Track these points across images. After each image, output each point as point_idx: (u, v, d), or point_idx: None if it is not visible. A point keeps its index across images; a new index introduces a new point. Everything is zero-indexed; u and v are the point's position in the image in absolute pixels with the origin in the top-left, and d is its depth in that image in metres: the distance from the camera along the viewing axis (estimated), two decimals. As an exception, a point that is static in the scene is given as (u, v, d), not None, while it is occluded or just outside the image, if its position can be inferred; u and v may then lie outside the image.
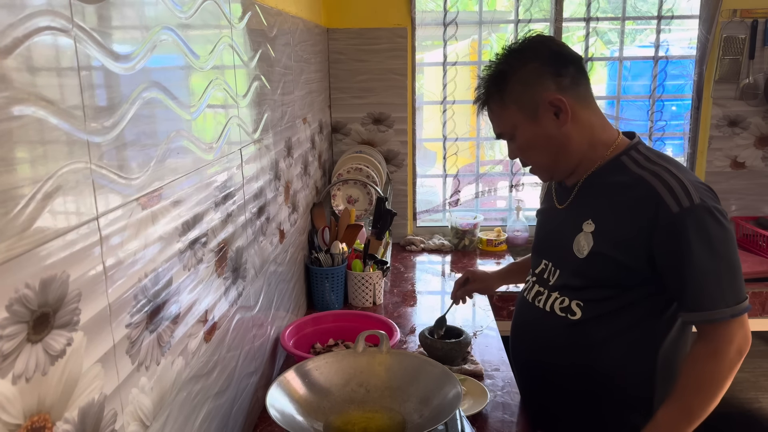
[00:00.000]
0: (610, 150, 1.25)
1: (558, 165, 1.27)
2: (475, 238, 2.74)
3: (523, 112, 1.23)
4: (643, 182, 1.16)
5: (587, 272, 1.23)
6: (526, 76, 1.22)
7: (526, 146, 1.26)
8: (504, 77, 1.24)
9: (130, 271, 0.78)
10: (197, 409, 1.03)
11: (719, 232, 1.11)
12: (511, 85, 1.23)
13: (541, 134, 1.23)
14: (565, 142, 1.23)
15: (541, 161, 1.28)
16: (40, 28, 0.59)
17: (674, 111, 2.84)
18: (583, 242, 1.23)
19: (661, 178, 1.15)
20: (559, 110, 1.21)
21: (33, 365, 0.58)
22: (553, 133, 1.23)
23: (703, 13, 2.56)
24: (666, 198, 1.12)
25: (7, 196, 0.54)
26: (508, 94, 1.24)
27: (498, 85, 1.25)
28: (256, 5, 1.41)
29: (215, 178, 1.11)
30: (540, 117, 1.22)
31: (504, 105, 1.25)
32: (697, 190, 1.13)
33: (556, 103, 1.21)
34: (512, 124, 1.25)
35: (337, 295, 2.01)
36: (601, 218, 1.22)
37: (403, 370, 1.10)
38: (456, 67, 2.69)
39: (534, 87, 1.22)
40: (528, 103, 1.22)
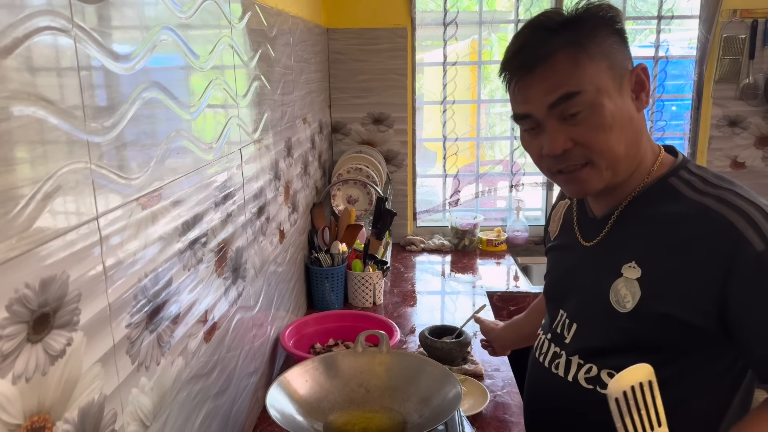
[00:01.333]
0: (654, 167, 0.97)
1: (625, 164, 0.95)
2: (475, 238, 2.74)
3: (613, 74, 0.91)
4: (710, 213, 0.88)
5: (630, 331, 0.94)
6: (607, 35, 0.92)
7: (608, 124, 0.90)
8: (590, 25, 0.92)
9: (129, 271, 0.78)
10: (197, 409, 1.03)
11: None
12: (602, 33, 0.92)
13: (626, 112, 0.92)
14: (639, 133, 0.94)
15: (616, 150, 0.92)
16: (40, 28, 0.59)
17: (674, 111, 2.84)
18: (624, 291, 0.94)
19: (734, 207, 0.87)
20: (641, 88, 0.94)
21: (33, 365, 0.58)
22: (633, 115, 0.93)
23: (703, 13, 2.56)
24: (746, 233, 0.84)
25: (7, 196, 0.54)
26: (599, 42, 0.91)
27: (582, 30, 0.91)
28: (256, 5, 1.41)
29: (215, 178, 1.11)
30: (624, 89, 0.92)
31: (591, 57, 0.90)
32: None
33: (642, 77, 0.93)
34: (597, 86, 0.90)
35: (337, 295, 2.01)
36: (651, 261, 0.93)
37: (403, 370, 1.10)
38: (456, 67, 2.69)
39: (620, 50, 0.93)
40: (618, 65, 0.92)
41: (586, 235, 1.04)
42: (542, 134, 0.94)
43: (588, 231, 1.04)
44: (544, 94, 0.91)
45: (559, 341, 1.05)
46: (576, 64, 0.90)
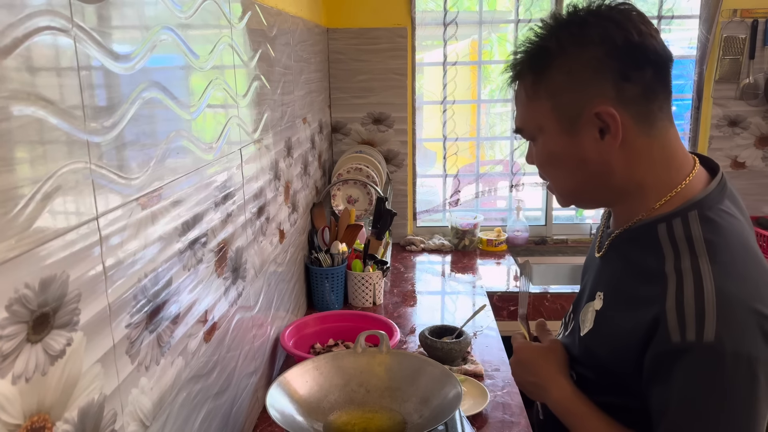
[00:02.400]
0: (661, 201, 0.90)
1: (583, 195, 0.96)
2: (475, 238, 2.74)
3: (558, 116, 0.89)
4: (661, 280, 0.83)
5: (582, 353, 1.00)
6: (578, 66, 0.86)
7: (546, 160, 0.93)
8: (547, 57, 0.88)
9: (129, 271, 0.78)
10: (197, 410, 1.03)
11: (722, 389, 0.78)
12: (553, 72, 0.87)
13: (572, 154, 0.90)
14: (603, 172, 0.90)
15: (560, 185, 0.95)
16: (39, 27, 0.59)
17: (674, 111, 2.84)
18: (587, 317, 0.98)
19: (680, 286, 0.81)
20: (606, 129, 0.87)
21: (33, 365, 0.58)
22: (589, 156, 0.89)
23: (703, 13, 2.56)
24: (669, 317, 0.80)
25: (7, 196, 0.54)
26: (545, 82, 0.88)
27: (536, 65, 0.89)
28: (256, 5, 1.41)
29: (215, 178, 1.11)
30: (579, 130, 0.88)
31: (536, 95, 0.89)
32: (722, 318, 0.77)
33: (605, 119, 0.86)
34: (537, 124, 0.91)
35: (337, 295, 2.01)
36: (609, 301, 0.94)
37: (403, 370, 1.10)
38: (456, 67, 2.69)
39: (584, 87, 0.86)
40: (568, 105, 0.88)
41: (599, 248, 1.04)
42: None
43: (602, 242, 1.03)
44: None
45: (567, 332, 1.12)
46: (525, 99, 0.93)
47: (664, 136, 0.92)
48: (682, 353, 0.79)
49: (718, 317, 0.78)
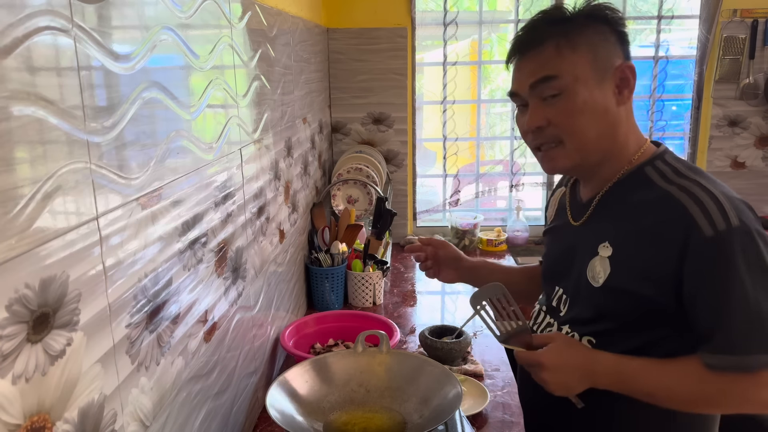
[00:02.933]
0: (636, 156, 1.07)
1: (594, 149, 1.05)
2: (475, 238, 2.74)
3: (594, 67, 1.02)
4: (671, 200, 0.98)
5: (601, 304, 1.05)
6: (607, 32, 1.04)
7: (579, 109, 1.01)
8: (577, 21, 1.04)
9: (129, 271, 0.78)
10: (197, 410, 1.03)
11: (761, 260, 0.93)
12: (591, 31, 1.03)
13: (600, 102, 1.02)
14: (614, 123, 1.04)
15: (585, 134, 1.03)
16: (39, 27, 0.59)
17: (674, 111, 2.84)
18: (598, 268, 1.05)
19: (692, 195, 0.96)
20: (625, 85, 1.03)
21: (33, 365, 0.58)
22: (610, 106, 1.03)
23: (703, 13, 2.56)
24: (699, 219, 0.93)
25: (7, 196, 0.54)
26: (586, 37, 1.02)
27: (568, 24, 1.03)
28: (256, 5, 1.41)
29: (215, 178, 1.11)
30: (605, 82, 1.02)
31: (575, 48, 1.01)
32: (735, 208, 0.94)
33: (627, 74, 1.03)
34: (574, 74, 1.01)
35: (337, 295, 2.01)
36: (621, 242, 1.03)
37: (403, 370, 1.10)
38: (456, 67, 2.69)
39: (613, 47, 1.03)
40: (603, 58, 1.02)
41: (576, 218, 1.15)
42: (527, 112, 1.07)
43: (577, 213, 1.15)
44: (529, 75, 1.04)
45: (555, 314, 1.15)
46: (559, 52, 1.02)
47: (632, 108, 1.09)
48: (719, 241, 0.92)
49: (734, 208, 0.94)
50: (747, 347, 0.93)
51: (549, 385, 1.03)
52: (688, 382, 0.98)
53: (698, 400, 0.99)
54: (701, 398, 0.99)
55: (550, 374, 1.02)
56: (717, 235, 0.92)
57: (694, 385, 0.97)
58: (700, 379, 0.96)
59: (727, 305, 0.93)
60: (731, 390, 0.96)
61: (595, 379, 1.02)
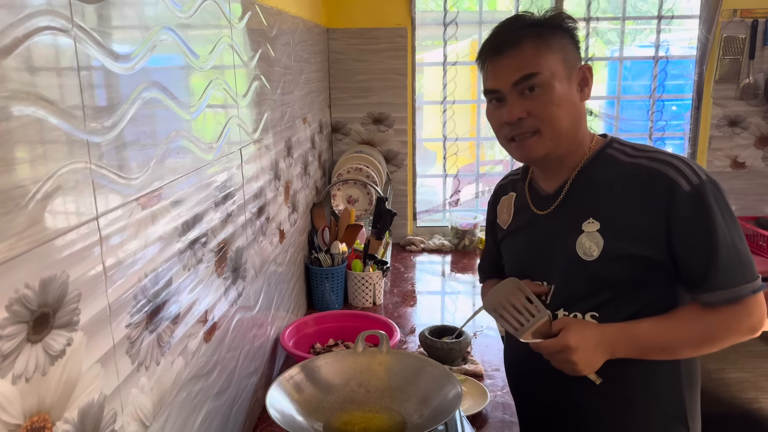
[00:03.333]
0: (591, 145, 1.19)
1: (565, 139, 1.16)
2: (475, 238, 2.74)
3: (565, 66, 1.13)
4: (644, 168, 1.11)
5: (600, 274, 1.12)
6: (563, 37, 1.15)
7: (556, 102, 1.12)
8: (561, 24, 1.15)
9: (129, 271, 0.78)
10: (197, 410, 1.03)
11: (729, 206, 1.08)
12: (560, 34, 1.14)
13: (570, 97, 1.14)
14: (579, 117, 1.17)
15: (560, 124, 1.14)
16: (39, 27, 0.59)
17: (674, 111, 2.84)
18: (589, 243, 1.13)
19: (662, 161, 1.10)
20: (585, 84, 1.16)
21: (33, 365, 0.58)
22: (576, 101, 1.15)
23: (703, 13, 2.56)
24: (676, 178, 1.07)
25: (7, 196, 0.54)
26: (557, 39, 1.13)
27: (541, 28, 1.14)
28: (256, 5, 1.41)
29: (215, 178, 1.11)
30: (572, 80, 1.14)
31: (550, 48, 1.12)
32: (698, 167, 1.10)
33: (587, 74, 1.16)
34: (552, 70, 1.12)
35: (337, 295, 2.01)
36: (606, 214, 1.13)
37: (403, 370, 1.10)
38: (456, 67, 2.69)
39: (576, 50, 1.16)
40: (570, 59, 1.14)
41: (543, 209, 1.23)
42: (504, 106, 1.15)
43: (544, 205, 1.23)
44: (510, 72, 1.12)
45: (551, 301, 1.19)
46: (538, 51, 1.12)
47: None
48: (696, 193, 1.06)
49: (698, 166, 1.10)
50: (733, 280, 1.06)
51: (578, 365, 1.08)
52: (693, 326, 1.09)
53: (705, 340, 1.10)
54: (707, 336, 1.10)
55: (579, 355, 1.07)
56: (693, 189, 1.06)
57: (699, 326, 1.09)
58: (702, 319, 1.09)
59: (714, 247, 1.06)
60: (728, 321, 1.08)
61: (614, 350, 1.10)
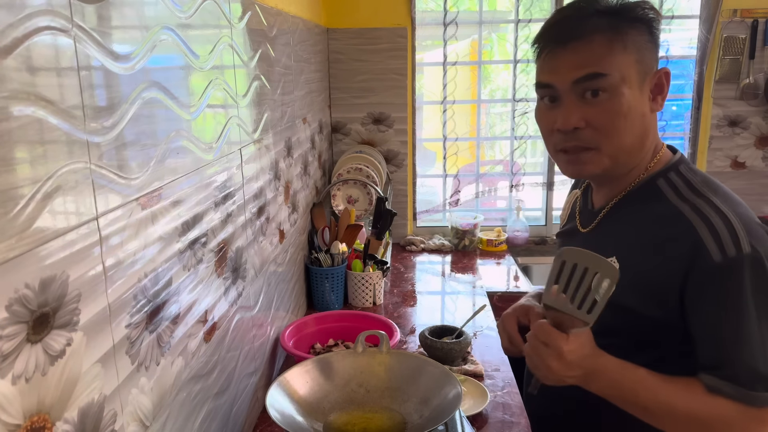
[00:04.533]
0: (651, 164, 1.02)
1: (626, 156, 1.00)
2: (475, 238, 2.74)
3: (639, 69, 0.95)
4: (682, 219, 0.93)
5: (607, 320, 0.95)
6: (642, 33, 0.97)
7: (623, 112, 0.95)
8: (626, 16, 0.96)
9: (129, 272, 0.78)
10: (197, 410, 1.03)
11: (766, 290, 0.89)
12: (635, 29, 0.96)
13: (639, 107, 0.96)
14: (647, 130, 0.99)
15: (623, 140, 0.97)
16: (39, 27, 0.59)
17: (674, 111, 2.84)
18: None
19: (703, 216, 0.92)
20: (659, 91, 0.98)
21: (33, 365, 0.58)
22: (646, 113, 0.98)
23: (704, 13, 2.56)
24: (707, 242, 0.89)
25: (7, 196, 0.54)
26: (634, 35, 0.95)
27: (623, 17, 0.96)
28: (256, 5, 1.41)
29: (215, 178, 1.11)
30: (644, 86, 0.97)
31: (625, 46, 0.95)
32: (749, 233, 0.89)
33: (663, 81, 0.98)
34: (622, 74, 0.94)
35: (337, 296, 2.01)
36: (627, 258, 0.98)
37: (403, 370, 1.10)
38: (456, 67, 2.69)
39: (654, 51, 0.98)
40: (646, 61, 0.97)
41: (584, 224, 1.13)
42: (558, 108, 0.98)
43: (586, 220, 1.13)
44: (572, 68, 0.95)
45: None
46: (610, 48, 0.94)
47: None
48: (727, 268, 0.88)
49: (748, 233, 0.89)
50: (752, 382, 0.89)
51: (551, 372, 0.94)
52: (688, 400, 0.92)
53: (695, 421, 0.93)
54: (699, 420, 0.92)
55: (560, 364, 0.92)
56: (725, 261, 0.88)
57: (694, 404, 0.92)
58: (701, 399, 0.91)
59: (735, 337, 0.89)
60: (732, 419, 0.90)
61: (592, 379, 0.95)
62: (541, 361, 0.94)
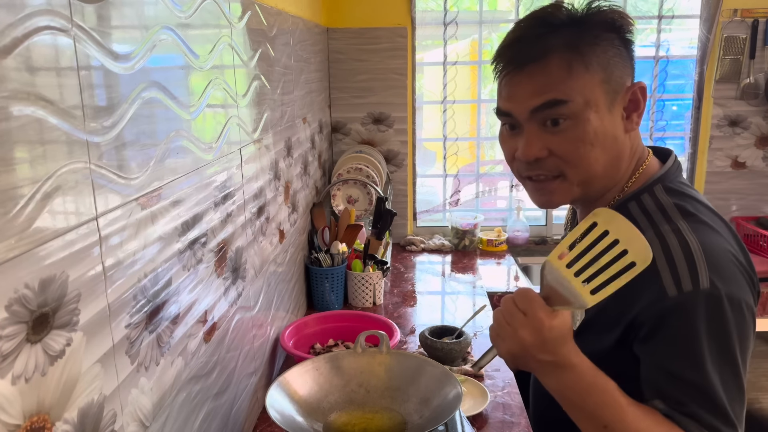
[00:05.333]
0: (629, 183, 0.93)
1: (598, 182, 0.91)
2: (475, 238, 2.74)
3: (607, 89, 0.85)
4: None
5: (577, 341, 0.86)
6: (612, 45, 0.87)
7: (589, 140, 0.85)
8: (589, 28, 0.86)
9: (129, 272, 0.78)
10: (197, 410, 1.03)
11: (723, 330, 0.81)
12: (601, 43, 0.85)
13: (609, 131, 0.87)
14: (620, 153, 0.90)
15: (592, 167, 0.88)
16: (39, 27, 0.59)
17: (675, 111, 2.84)
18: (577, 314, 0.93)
19: (665, 245, 0.83)
20: (634, 108, 0.89)
21: (32, 365, 0.58)
22: (619, 135, 0.88)
23: (704, 13, 2.56)
24: (663, 275, 0.81)
25: (7, 196, 0.54)
26: (599, 51, 0.85)
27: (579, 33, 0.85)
28: (256, 5, 1.41)
29: (215, 178, 1.11)
30: (615, 106, 0.87)
31: (587, 66, 0.85)
32: (712, 267, 0.81)
33: (638, 96, 0.88)
34: (586, 97, 0.85)
35: (337, 296, 2.01)
36: None
37: (403, 370, 1.10)
38: (456, 67, 2.69)
39: (625, 64, 0.87)
40: (614, 80, 0.86)
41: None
42: (519, 136, 0.91)
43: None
44: (529, 96, 0.87)
45: None
46: (569, 70, 0.84)
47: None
48: (681, 304, 0.80)
49: (708, 266, 0.80)
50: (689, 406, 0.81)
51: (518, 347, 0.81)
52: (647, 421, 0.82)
53: None
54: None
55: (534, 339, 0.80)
56: (680, 296, 0.80)
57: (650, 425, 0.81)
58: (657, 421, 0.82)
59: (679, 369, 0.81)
60: None
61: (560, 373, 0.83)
62: (512, 331, 0.81)
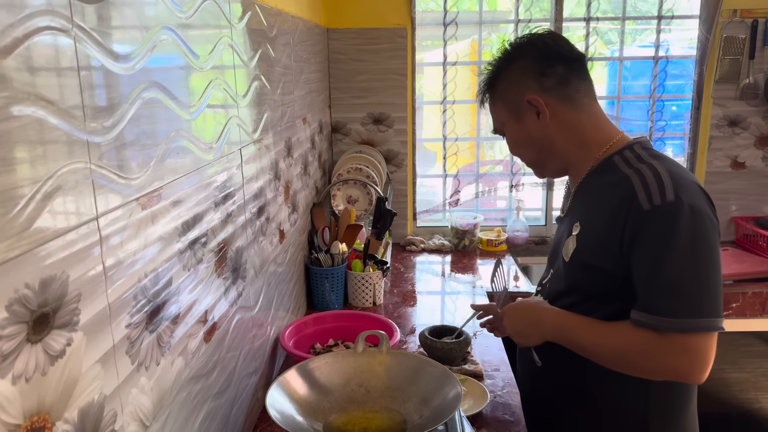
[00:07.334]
0: (603, 150, 1.19)
1: (545, 163, 1.28)
2: (475, 238, 2.74)
3: (509, 111, 1.25)
4: (626, 180, 1.09)
5: (570, 277, 1.19)
6: (511, 74, 1.24)
7: (513, 143, 1.29)
8: (495, 75, 1.27)
9: (129, 272, 0.78)
10: (197, 410, 1.03)
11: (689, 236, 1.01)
12: (499, 84, 1.26)
13: (525, 133, 1.24)
14: (548, 142, 1.23)
15: (527, 158, 1.31)
16: (39, 28, 0.59)
17: (674, 111, 2.84)
18: (570, 245, 1.18)
19: (641, 174, 1.07)
20: (541, 110, 1.20)
21: (33, 365, 0.58)
22: (535, 133, 1.22)
23: (703, 13, 2.56)
24: (639, 193, 1.05)
25: (7, 196, 0.54)
26: (496, 91, 1.27)
27: (489, 82, 1.28)
28: (256, 5, 1.41)
29: (215, 178, 1.11)
30: (523, 116, 1.23)
31: (494, 102, 1.28)
32: (678, 186, 1.03)
33: (534, 103, 1.20)
34: (500, 121, 1.28)
35: (337, 296, 2.01)
36: (587, 221, 1.17)
37: (403, 370, 1.10)
38: (456, 67, 2.69)
39: (517, 86, 1.22)
40: (512, 101, 1.24)
41: (563, 208, 1.33)
42: None
43: (565, 204, 1.33)
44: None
45: (544, 290, 1.32)
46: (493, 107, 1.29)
47: (589, 110, 1.22)
48: (652, 214, 1.03)
49: (674, 185, 1.04)
50: (659, 308, 1.02)
51: (508, 329, 1.27)
52: (614, 338, 1.09)
53: (618, 356, 1.09)
54: (621, 354, 1.08)
55: (508, 320, 1.26)
56: (652, 208, 1.03)
57: (618, 340, 1.08)
58: (625, 334, 1.07)
59: (653, 269, 1.03)
60: (646, 348, 1.04)
61: (543, 330, 1.20)
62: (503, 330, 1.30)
